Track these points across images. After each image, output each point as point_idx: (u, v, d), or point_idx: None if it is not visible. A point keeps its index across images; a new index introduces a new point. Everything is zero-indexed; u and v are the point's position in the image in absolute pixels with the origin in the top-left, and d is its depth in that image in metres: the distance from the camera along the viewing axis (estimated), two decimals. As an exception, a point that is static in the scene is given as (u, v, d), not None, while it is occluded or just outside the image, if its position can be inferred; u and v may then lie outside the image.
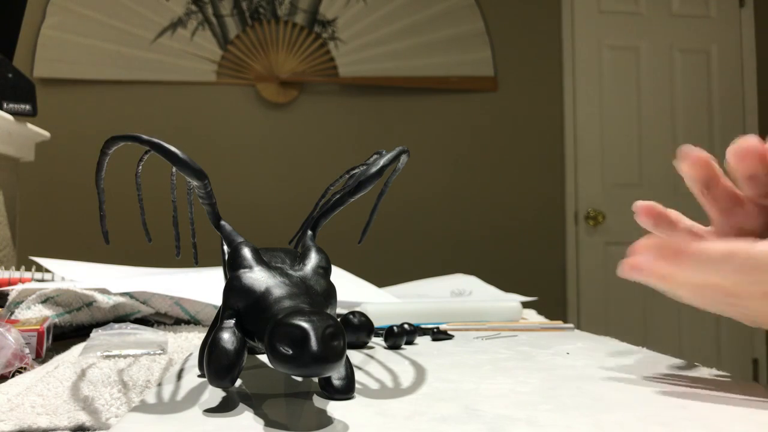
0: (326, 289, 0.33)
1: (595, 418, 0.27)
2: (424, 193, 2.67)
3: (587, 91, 2.84)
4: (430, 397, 0.31)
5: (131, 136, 0.31)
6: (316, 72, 2.65)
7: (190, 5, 2.60)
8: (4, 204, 1.24)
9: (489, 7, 2.76)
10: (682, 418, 0.27)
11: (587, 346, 0.48)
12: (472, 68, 2.76)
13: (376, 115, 2.70)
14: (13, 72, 1.18)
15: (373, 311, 0.60)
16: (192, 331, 0.60)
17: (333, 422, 0.26)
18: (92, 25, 2.53)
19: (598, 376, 0.36)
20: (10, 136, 1.21)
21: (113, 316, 0.61)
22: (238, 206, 2.51)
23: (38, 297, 0.57)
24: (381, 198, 0.40)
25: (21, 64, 2.15)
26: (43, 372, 0.40)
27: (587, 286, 2.79)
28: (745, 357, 2.87)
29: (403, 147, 0.38)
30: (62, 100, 2.50)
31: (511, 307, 0.67)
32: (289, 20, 2.65)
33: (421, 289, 0.95)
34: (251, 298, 0.30)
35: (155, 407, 0.29)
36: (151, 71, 2.57)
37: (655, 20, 2.90)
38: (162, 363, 0.44)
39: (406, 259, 2.63)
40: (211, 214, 0.34)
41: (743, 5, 2.96)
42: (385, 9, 2.71)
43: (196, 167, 0.32)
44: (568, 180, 2.81)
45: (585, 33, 2.86)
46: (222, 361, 0.28)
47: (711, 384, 0.34)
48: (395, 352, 0.46)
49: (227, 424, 0.26)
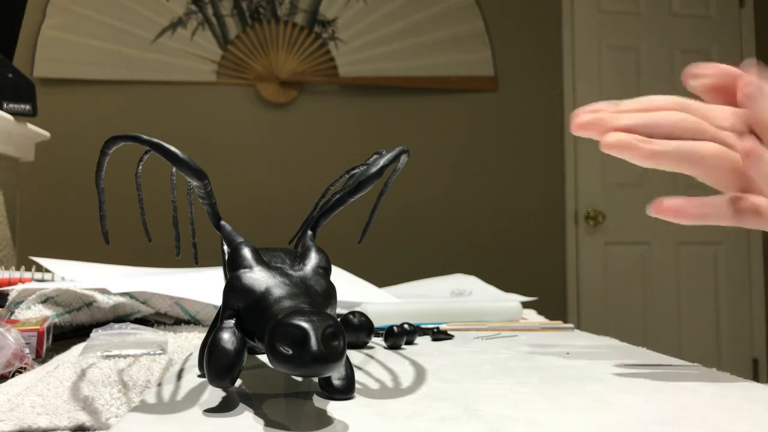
0: (326, 289, 0.33)
1: (595, 418, 0.27)
2: (423, 193, 2.67)
3: (587, 91, 2.84)
4: (430, 397, 0.31)
5: (131, 136, 0.31)
6: (316, 72, 2.65)
7: (190, 5, 2.60)
8: (4, 204, 1.24)
9: (489, 7, 2.76)
10: (682, 418, 0.27)
11: (587, 346, 0.48)
12: (472, 68, 2.76)
13: (376, 115, 2.70)
14: (13, 72, 1.18)
15: (373, 311, 0.60)
16: (192, 331, 0.60)
17: (333, 422, 0.26)
18: (92, 25, 2.53)
19: (598, 376, 0.36)
20: (10, 136, 1.21)
21: (113, 316, 0.61)
22: (238, 206, 2.51)
23: (38, 297, 0.57)
24: (381, 198, 0.40)
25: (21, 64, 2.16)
26: (43, 372, 0.40)
27: (587, 286, 2.79)
28: (745, 357, 2.87)
29: (403, 147, 0.38)
30: (62, 100, 2.50)
31: (511, 307, 0.67)
32: (289, 20, 2.65)
33: (421, 289, 0.95)
34: (251, 298, 0.30)
35: (155, 407, 0.29)
36: (151, 71, 2.57)
37: (655, 20, 2.90)
38: (162, 363, 0.44)
39: (406, 259, 2.63)
40: (211, 214, 0.34)
41: (743, 5, 2.96)
42: (385, 9, 2.71)
43: (196, 167, 0.32)
44: (568, 180, 2.81)
45: (585, 33, 2.86)
46: (222, 361, 0.28)
47: (711, 384, 0.34)
48: (395, 352, 0.46)
49: (227, 424, 0.26)
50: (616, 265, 2.80)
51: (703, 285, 2.84)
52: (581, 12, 2.86)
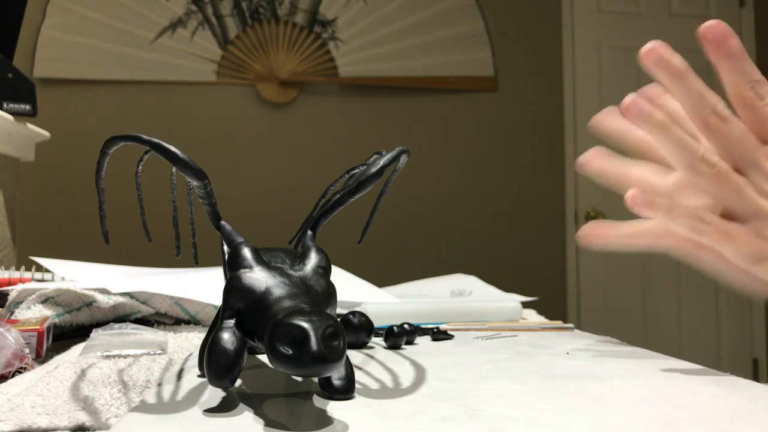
0: (326, 289, 0.33)
1: (595, 418, 0.27)
2: (423, 193, 2.67)
3: (587, 91, 2.84)
4: (430, 397, 0.31)
5: (131, 136, 0.31)
6: (316, 72, 2.65)
7: (190, 5, 2.60)
8: (4, 204, 1.24)
9: (489, 7, 2.76)
10: (682, 418, 0.27)
11: (587, 346, 0.48)
12: (472, 68, 2.76)
13: (376, 115, 2.70)
14: (13, 72, 1.18)
15: (373, 311, 0.60)
16: (192, 331, 0.60)
17: (333, 422, 0.26)
18: (92, 25, 2.53)
19: (598, 376, 0.36)
20: (10, 136, 1.21)
21: (113, 316, 0.61)
22: (238, 206, 2.51)
23: (38, 297, 0.57)
24: (381, 198, 0.40)
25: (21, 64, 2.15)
26: (43, 372, 0.40)
27: (587, 286, 2.79)
28: (745, 357, 2.87)
29: (403, 147, 0.38)
30: (62, 100, 2.50)
31: (511, 307, 0.67)
32: (289, 20, 2.65)
33: (421, 289, 0.95)
34: (251, 298, 0.30)
35: (155, 407, 0.29)
36: (151, 71, 2.57)
37: (655, 20, 2.90)
38: (162, 363, 0.44)
39: (406, 259, 2.63)
40: (211, 214, 0.34)
41: (743, 5, 2.96)
42: (385, 9, 2.71)
43: (196, 167, 0.32)
44: (568, 180, 2.81)
45: (585, 33, 2.86)
46: (222, 361, 0.28)
47: (711, 384, 0.34)
48: (395, 352, 0.46)
49: (227, 424, 0.26)
50: (616, 265, 2.80)
51: (703, 285, 2.84)
52: (581, 12, 2.86)
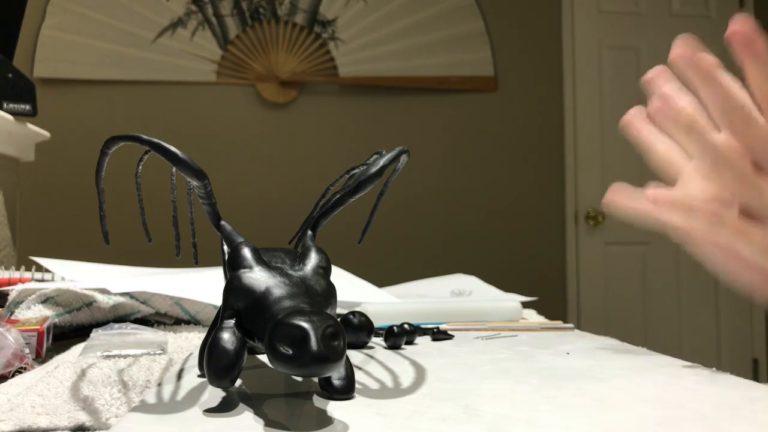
0: (326, 289, 0.33)
1: (595, 418, 0.27)
2: (423, 193, 2.67)
3: (587, 91, 2.84)
4: (430, 397, 0.31)
5: (131, 136, 0.31)
6: (316, 72, 2.65)
7: (190, 5, 2.60)
8: (4, 204, 1.24)
9: (489, 7, 2.76)
10: (682, 418, 0.27)
11: (587, 346, 0.48)
12: (472, 68, 2.76)
13: (376, 115, 2.70)
14: (13, 72, 1.18)
15: (373, 311, 0.60)
16: (192, 331, 0.60)
17: (333, 422, 0.26)
18: (92, 25, 2.53)
19: (598, 376, 0.36)
20: (10, 136, 1.21)
21: (113, 316, 0.61)
22: (238, 206, 2.51)
23: (38, 297, 0.57)
24: (381, 198, 0.40)
25: (21, 64, 2.16)
26: (43, 372, 0.40)
27: (587, 286, 2.79)
28: (745, 357, 2.87)
29: (403, 147, 0.38)
30: (62, 100, 2.50)
31: (511, 307, 0.67)
32: (289, 20, 2.65)
33: (421, 289, 0.95)
34: (251, 298, 0.30)
35: (155, 407, 0.29)
36: (151, 71, 2.56)
37: (655, 20, 2.90)
38: (162, 363, 0.44)
39: (406, 259, 2.63)
40: (211, 214, 0.34)
41: (743, 5, 2.96)
42: (385, 9, 2.71)
43: (196, 167, 0.32)
44: (568, 180, 2.81)
45: (585, 33, 2.86)
46: (222, 361, 0.28)
47: (711, 384, 0.34)
48: (395, 352, 0.46)
49: (227, 424, 0.26)
50: (616, 265, 2.80)
51: (703, 285, 2.84)
52: (581, 12, 2.86)
